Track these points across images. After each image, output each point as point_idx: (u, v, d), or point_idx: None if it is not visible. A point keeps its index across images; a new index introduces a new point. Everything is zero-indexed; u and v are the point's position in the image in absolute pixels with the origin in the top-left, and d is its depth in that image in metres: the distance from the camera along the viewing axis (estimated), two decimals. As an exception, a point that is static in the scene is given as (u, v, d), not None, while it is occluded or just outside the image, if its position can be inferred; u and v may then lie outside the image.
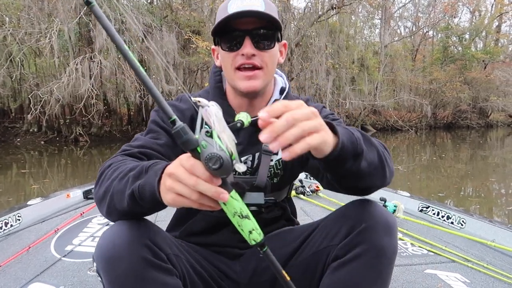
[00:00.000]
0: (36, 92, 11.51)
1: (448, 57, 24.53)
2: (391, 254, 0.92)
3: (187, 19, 13.88)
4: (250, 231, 0.73)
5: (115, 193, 0.85)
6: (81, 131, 13.52)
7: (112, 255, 0.80)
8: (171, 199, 0.72)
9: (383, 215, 0.93)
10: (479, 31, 24.84)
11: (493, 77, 23.16)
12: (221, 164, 0.64)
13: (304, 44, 16.96)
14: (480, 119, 24.88)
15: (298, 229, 1.15)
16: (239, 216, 0.71)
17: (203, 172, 0.66)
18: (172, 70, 12.49)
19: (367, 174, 0.88)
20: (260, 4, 1.04)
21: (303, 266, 1.04)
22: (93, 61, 11.45)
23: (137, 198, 0.79)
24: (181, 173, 0.69)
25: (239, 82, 1.06)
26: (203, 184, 0.67)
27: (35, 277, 1.90)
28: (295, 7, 17.98)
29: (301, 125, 0.67)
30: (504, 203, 5.78)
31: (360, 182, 0.90)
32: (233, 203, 0.70)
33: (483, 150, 13.18)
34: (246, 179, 1.14)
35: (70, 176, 8.10)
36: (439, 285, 1.88)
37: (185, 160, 0.70)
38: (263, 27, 1.05)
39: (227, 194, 0.68)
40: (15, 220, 2.70)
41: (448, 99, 23.03)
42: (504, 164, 10.02)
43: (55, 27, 10.83)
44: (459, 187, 6.80)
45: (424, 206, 3.11)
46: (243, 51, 1.04)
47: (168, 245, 0.91)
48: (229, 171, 0.66)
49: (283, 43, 1.17)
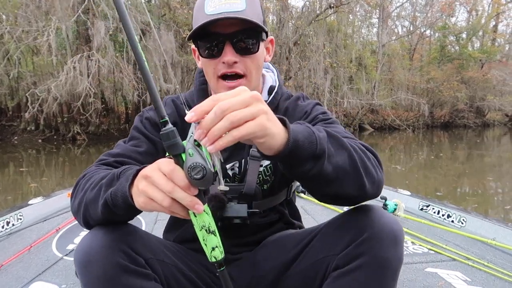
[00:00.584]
0: (34, 90, 11.48)
1: (445, 56, 24.61)
2: (396, 265, 0.84)
3: (185, 17, 13.86)
4: (213, 247, 0.72)
5: (89, 203, 0.85)
6: (79, 129, 13.48)
7: (87, 259, 0.80)
8: (142, 202, 0.71)
9: (388, 223, 0.85)
10: (476, 31, 24.91)
11: (490, 76, 23.25)
12: (203, 175, 0.64)
13: (302, 43, 16.97)
14: (477, 118, 24.98)
15: (297, 235, 1.07)
16: (206, 230, 0.71)
17: (182, 179, 0.65)
18: (170, 68, 12.49)
19: (334, 180, 0.79)
20: (240, 0, 0.95)
21: (302, 275, 0.99)
22: (91, 60, 11.41)
23: (110, 206, 0.79)
24: (158, 177, 0.68)
25: (221, 92, 1.00)
26: (179, 191, 0.66)
27: (37, 276, 1.91)
28: (293, 6, 18.00)
29: (230, 116, 0.61)
30: (501, 201, 5.83)
31: (326, 188, 0.82)
32: (204, 217, 0.70)
33: (480, 149, 13.25)
34: (234, 187, 1.08)
35: (67, 175, 8.08)
36: (440, 283, 1.89)
37: (164, 164, 0.68)
38: (245, 30, 0.96)
39: (202, 206, 0.68)
40: (16, 219, 2.71)
41: (445, 98, 23.11)
42: (501, 163, 10.08)
43: (53, 25, 10.79)
44: (456, 186, 6.84)
45: (424, 204, 3.12)
46: (223, 59, 0.96)
47: (150, 250, 0.90)
48: (208, 184, 0.66)
49: (270, 40, 1.08)
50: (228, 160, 1.09)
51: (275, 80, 1.17)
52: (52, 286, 1.81)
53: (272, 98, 1.12)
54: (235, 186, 1.08)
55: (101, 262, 0.80)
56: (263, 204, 1.13)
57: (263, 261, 1.08)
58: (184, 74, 15.00)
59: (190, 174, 0.64)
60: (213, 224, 0.71)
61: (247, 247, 1.15)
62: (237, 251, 1.13)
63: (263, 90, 1.13)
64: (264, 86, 1.14)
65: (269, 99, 1.12)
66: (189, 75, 15.37)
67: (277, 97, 1.13)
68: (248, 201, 1.08)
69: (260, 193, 1.10)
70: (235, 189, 1.07)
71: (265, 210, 1.14)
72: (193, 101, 1.12)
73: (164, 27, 12.88)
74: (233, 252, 1.13)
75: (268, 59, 1.09)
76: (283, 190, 1.16)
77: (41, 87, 11.39)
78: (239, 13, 0.93)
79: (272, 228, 1.17)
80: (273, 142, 0.69)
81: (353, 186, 0.82)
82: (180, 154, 0.66)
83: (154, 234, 1.00)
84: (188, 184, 0.66)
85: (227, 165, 1.09)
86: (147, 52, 11.90)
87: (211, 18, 0.92)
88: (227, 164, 1.09)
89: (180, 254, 1.05)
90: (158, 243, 0.99)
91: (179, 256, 1.04)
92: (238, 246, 1.14)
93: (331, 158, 0.77)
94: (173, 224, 1.22)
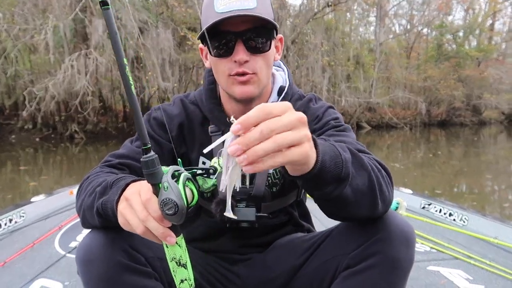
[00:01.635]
0: (31, 88, 11.43)
1: (442, 54, 24.68)
2: (407, 266, 0.84)
3: (183, 16, 13.83)
4: (182, 280, 0.72)
5: (86, 209, 0.86)
6: (77, 128, 13.43)
7: (88, 257, 0.81)
8: (121, 223, 0.72)
9: (400, 224, 0.85)
10: (473, 29, 25.03)
11: (486, 74, 23.37)
12: (175, 212, 0.64)
13: (300, 41, 16.97)
14: (474, 117, 25.08)
15: (308, 238, 1.06)
16: (177, 262, 0.71)
17: (156, 210, 0.66)
18: (168, 67, 12.46)
19: (352, 203, 0.76)
20: None
21: (312, 275, 0.99)
22: (89, 58, 11.38)
23: (102, 215, 0.80)
24: (135, 202, 0.68)
25: (233, 88, 0.97)
26: (152, 221, 0.66)
27: (40, 273, 1.92)
28: (291, 4, 18.00)
29: (278, 138, 0.55)
30: (497, 199, 5.87)
31: (341, 210, 0.80)
32: (175, 249, 0.70)
33: (477, 147, 13.32)
34: (243, 189, 1.06)
35: (65, 174, 8.07)
36: (442, 281, 1.89)
37: (144, 190, 0.69)
38: (256, 28, 0.93)
39: (174, 238, 0.68)
40: (19, 216, 2.72)
41: (442, 97, 23.19)
42: (497, 161, 10.14)
43: (50, 23, 10.75)
44: (454, 184, 6.89)
45: (426, 203, 3.12)
46: (235, 58, 0.93)
47: (151, 249, 0.89)
48: (181, 220, 0.66)
49: (279, 38, 1.05)
50: None
51: (285, 80, 1.13)
52: (55, 283, 1.82)
53: (282, 99, 1.09)
54: (244, 189, 1.06)
55: (102, 261, 0.81)
56: (273, 206, 1.11)
57: (273, 263, 1.08)
58: (182, 73, 14.98)
59: (162, 208, 0.64)
60: (184, 257, 0.71)
61: (255, 248, 1.15)
62: (245, 252, 1.14)
63: (273, 90, 1.10)
64: (274, 86, 1.11)
65: (278, 100, 1.09)
66: (186, 73, 15.35)
67: (287, 97, 1.10)
68: (257, 203, 1.07)
69: (269, 195, 1.08)
70: (244, 191, 1.06)
71: (274, 211, 1.13)
72: (202, 101, 1.11)
73: (162, 25, 12.84)
74: (241, 253, 1.14)
75: (278, 58, 1.07)
76: (294, 191, 1.14)
77: (38, 86, 11.36)
78: (250, 11, 0.90)
79: (281, 229, 1.16)
80: (305, 167, 0.64)
81: (367, 208, 0.80)
82: (158, 184, 0.66)
83: None
84: (161, 216, 0.66)
85: None
86: (145, 51, 11.89)
87: (222, 17, 0.89)
88: None
89: None
90: None
91: None
92: (246, 247, 1.15)
93: (352, 181, 0.74)
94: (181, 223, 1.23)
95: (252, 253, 1.14)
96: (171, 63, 13.17)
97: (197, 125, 1.11)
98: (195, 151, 1.11)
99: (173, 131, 1.09)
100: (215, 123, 1.08)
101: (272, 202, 1.10)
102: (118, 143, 12.89)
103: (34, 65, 13.71)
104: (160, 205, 0.65)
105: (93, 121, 13.65)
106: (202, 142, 1.09)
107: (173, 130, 1.09)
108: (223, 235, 1.14)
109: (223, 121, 1.06)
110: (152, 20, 12.48)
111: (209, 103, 1.09)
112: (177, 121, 1.09)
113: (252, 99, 1.01)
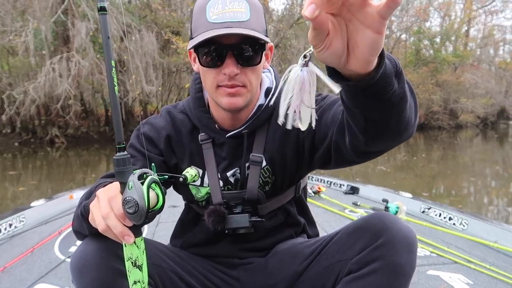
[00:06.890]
0: (11, 92, 11.16)
1: (421, 60, 25.28)
2: (409, 272, 0.85)
3: (166, 19, 13.78)
4: (135, 281, 0.73)
5: (75, 218, 0.89)
6: (57, 132, 13.15)
7: (82, 263, 0.82)
8: (90, 219, 0.74)
9: (402, 230, 0.86)
10: (449, 35, 25.79)
11: (463, 79, 24.06)
12: (135, 211, 0.66)
13: (283, 45, 17.15)
14: (451, 120, 25.76)
15: (310, 244, 1.06)
16: (132, 263, 0.73)
17: (118, 208, 0.68)
18: (152, 70, 12.38)
19: (408, 102, 0.70)
20: (245, 9, 0.91)
21: (314, 280, 0.99)
22: (71, 61, 11.20)
23: (86, 218, 0.80)
24: (102, 199, 0.71)
25: (220, 99, 0.96)
26: (113, 219, 0.68)
27: (40, 278, 1.91)
28: (274, 9, 18.17)
29: None
30: (474, 201, 6.10)
31: (401, 114, 0.70)
32: (133, 249, 0.72)
33: (454, 150, 13.73)
34: (237, 194, 1.08)
35: (45, 179, 7.90)
36: (442, 286, 1.87)
37: (112, 189, 0.71)
38: (249, 40, 0.91)
39: (132, 238, 0.69)
40: (18, 221, 2.71)
41: (421, 101, 23.70)
42: (473, 163, 10.49)
43: (31, 26, 10.54)
44: (431, 186, 7.11)
45: (426, 207, 3.11)
46: (225, 71, 0.92)
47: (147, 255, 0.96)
48: (140, 220, 0.68)
49: (269, 46, 1.02)
50: (229, 168, 1.08)
51: (272, 81, 1.11)
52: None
53: (269, 100, 1.06)
54: (237, 194, 1.08)
55: (96, 266, 0.82)
56: (270, 206, 1.11)
57: (274, 269, 1.08)
58: (165, 76, 14.90)
59: (124, 206, 0.67)
60: (141, 259, 0.73)
61: (256, 252, 1.15)
62: (245, 256, 1.14)
63: (260, 93, 1.08)
64: (261, 88, 1.09)
65: (266, 102, 1.07)
66: (170, 76, 15.27)
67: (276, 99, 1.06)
68: (252, 206, 1.08)
69: (263, 197, 1.08)
70: (238, 196, 1.07)
71: (271, 211, 1.12)
72: (190, 110, 1.10)
73: (145, 29, 12.77)
74: (241, 257, 1.14)
75: (267, 66, 1.06)
76: (290, 188, 1.13)
77: (18, 89, 11.10)
78: (243, 24, 0.89)
79: (280, 230, 1.15)
80: (378, 50, 0.56)
81: (413, 113, 0.74)
82: (125, 183, 0.69)
83: (156, 237, 1.03)
84: (123, 214, 0.68)
85: (228, 173, 1.08)
86: (129, 54, 11.77)
87: (214, 28, 0.89)
88: (228, 171, 1.08)
89: (181, 259, 1.06)
90: (155, 248, 1.00)
91: (179, 261, 1.04)
92: (246, 251, 1.15)
93: None
94: (180, 229, 1.23)
95: (252, 257, 1.14)
96: (155, 66, 13.10)
97: (186, 135, 1.10)
98: (185, 160, 1.10)
99: (160, 144, 1.09)
100: (205, 131, 1.08)
101: (268, 203, 1.10)
102: (99, 147, 12.70)
103: (11, 68, 13.39)
104: (122, 203, 0.67)
105: (74, 125, 13.39)
106: (192, 151, 1.09)
107: (160, 143, 1.09)
108: (222, 240, 1.14)
109: (212, 128, 1.07)
110: (135, 23, 12.40)
111: (198, 111, 1.08)
112: (164, 133, 1.09)
113: (240, 109, 1.01)
